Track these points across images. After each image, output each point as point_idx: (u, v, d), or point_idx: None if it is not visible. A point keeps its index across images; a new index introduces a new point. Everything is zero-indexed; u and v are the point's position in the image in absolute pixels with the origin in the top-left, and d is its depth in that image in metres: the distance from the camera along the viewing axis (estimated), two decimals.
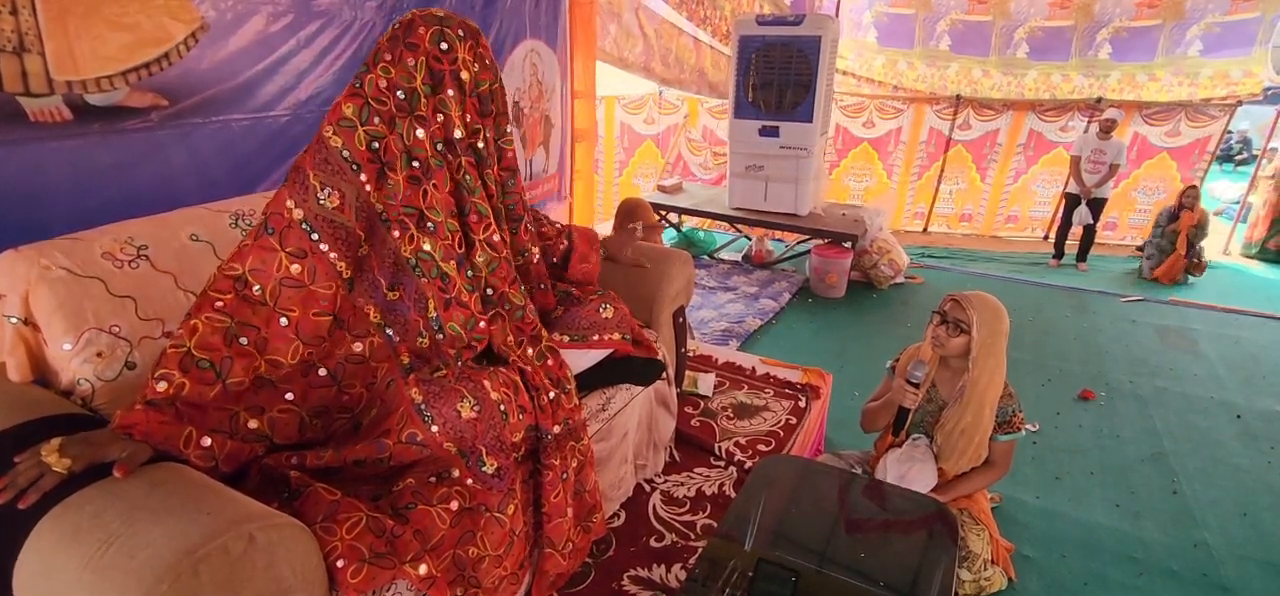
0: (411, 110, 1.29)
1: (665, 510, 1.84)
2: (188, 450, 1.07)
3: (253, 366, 1.18)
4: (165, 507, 0.92)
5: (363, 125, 1.27)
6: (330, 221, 1.26)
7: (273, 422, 1.20)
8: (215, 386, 1.13)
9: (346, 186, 1.27)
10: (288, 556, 0.96)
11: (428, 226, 1.33)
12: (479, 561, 1.26)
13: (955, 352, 1.94)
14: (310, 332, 1.24)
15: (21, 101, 1.97)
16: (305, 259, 1.24)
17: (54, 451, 0.93)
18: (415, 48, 1.28)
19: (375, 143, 1.28)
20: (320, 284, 1.25)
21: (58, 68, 2.03)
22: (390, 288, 1.35)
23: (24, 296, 1.21)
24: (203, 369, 1.12)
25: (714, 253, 4.96)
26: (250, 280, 1.20)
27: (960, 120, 6.73)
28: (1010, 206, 6.90)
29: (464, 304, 1.37)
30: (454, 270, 1.36)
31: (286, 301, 1.22)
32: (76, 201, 2.00)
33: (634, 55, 5.48)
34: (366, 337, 1.33)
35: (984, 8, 7.02)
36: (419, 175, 1.31)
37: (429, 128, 1.31)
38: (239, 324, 1.18)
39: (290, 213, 1.24)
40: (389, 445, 1.23)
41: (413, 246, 1.33)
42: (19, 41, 1.95)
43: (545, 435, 1.41)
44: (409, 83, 1.28)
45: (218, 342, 1.15)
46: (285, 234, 1.23)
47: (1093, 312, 4.22)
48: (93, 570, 0.85)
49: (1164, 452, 2.67)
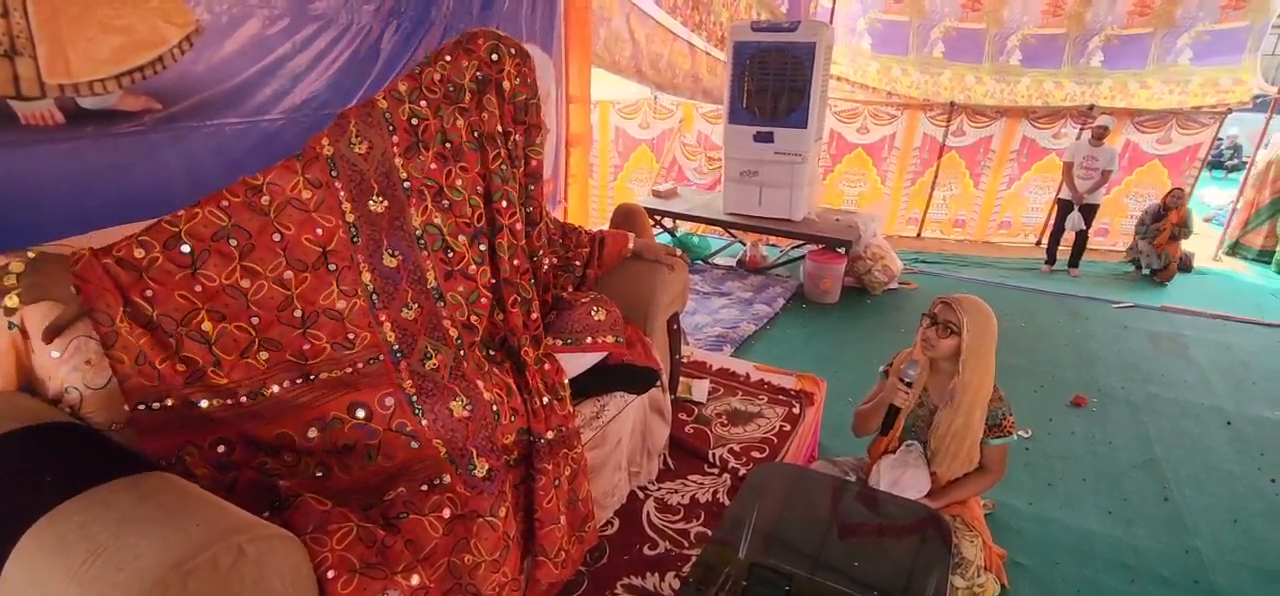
0: (456, 101, 1.43)
1: (659, 517, 1.83)
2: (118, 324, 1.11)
3: (227, 267, 1.24)
4: (153, 519, 0.92)
5: (410, 102, 1.42)
6: (352, 165, 1.37)
7: (224, 333, 1.22)
8: (184, 271, 1.19)
9: (377, 139, 1.39)
10: (277, 568, 0.95)
11: (444, 202, 1.43)
12: (475, 568, 1.26)
13: (945, 354, 1.94)
14: (296, 255, 1.30)
15: (13, 105, 1.94)
16: (318, 188, 1.34)
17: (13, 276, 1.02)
18: (472, 53, 1.45)
19: (415, 120, 1.41)
20: (322, 214, 1.34)
21: (50, 71, 2.01)
22: (390, 250, 1.40)
23: None
24: (183, 253, 1.19)
25: (708, 258, 4.97)
26: (263, 190, 1.29)
27: (954, 126, 6.76)
28: (1003, 212, 6.94)
29: (469, 276, 1.46)
30: (463, 245, 1.45)
31: (286, 219, 1.30)
32: (69, 205, 1.98)
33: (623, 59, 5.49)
34: (351, 297, 1.36)
35: (977, 15, 7.07)
36: (448, 155, 1.44)
37: (470, 118, 1.45)
38: (234, 226, 1.25)
39: (322, 148, 1.35)
40: (378, 430, 1.25)
41: (424, 217, 1.42)
42: (10, 44, 1.93)
43: (538, 439, 1.41)
44: (459, 79, 1.43)
45: (205, 235, 1.21)
46: (310, 163, 1.34)
47: (1085, 318, 4.24)
48: (79, 583, 0.84)
49: (1156, 459, 2.68)
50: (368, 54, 3.01)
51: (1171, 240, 5.30)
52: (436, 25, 3.32)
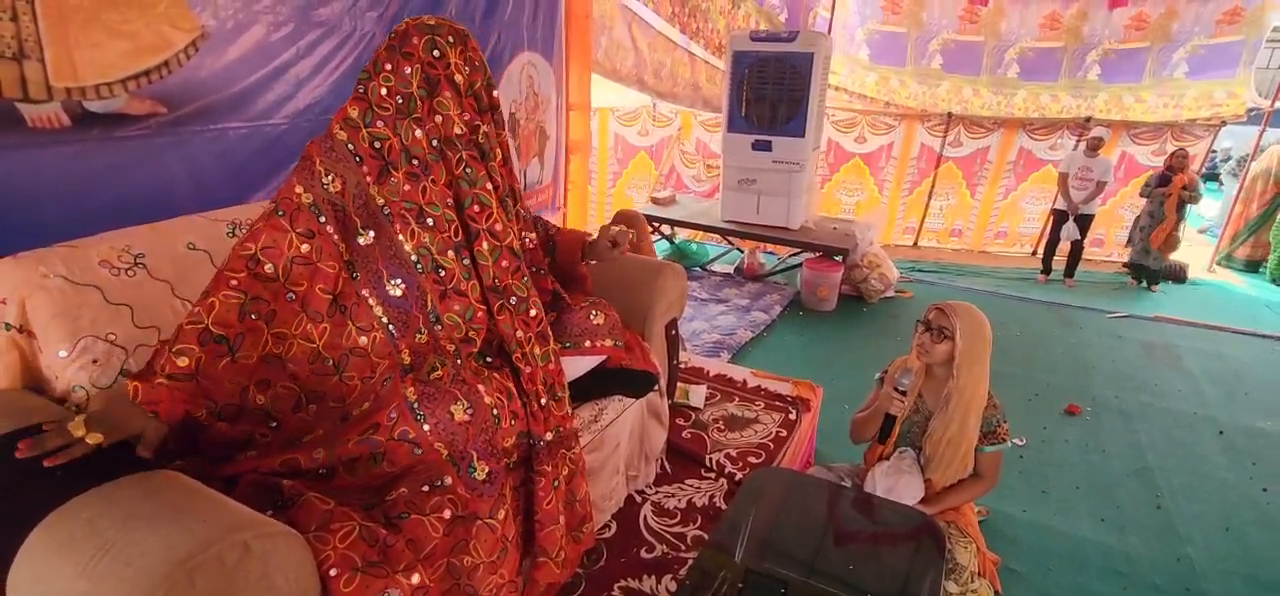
0: (409, 113, 1.37)
1: (656, 521, 1.85)
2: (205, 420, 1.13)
3: (260, 341, 1.25)
4: (160, 515, 0.93)
5: (366, 127, 1.35)
6: (332, 203, 1.34)
7: (276, 397, 1.25)
8: (225, 359, 1.19)
9: (348, 173, 1.35)
10: (282, 565, 0.97)
11: (427, 221, 1.39)
12: (474, 569, 1.27)
13: (940, 360, 1.97)
14: (315, 307, 1.31)
15: (20, 108, 1.96)
16: (313, 239, 1.31)
17: (81, 425, 0.98)
18: (410, 56, 1.36)
19: (377, 142, 1.36)
20: (325, 262, 1.32)
21: (57, 74, 2.04)
22: (391, 281, 1.40)
23: (21, 303, 1.21)
24: (218, 343, 1.18)
25: (706, 265, 5.00)
26: (262, 258, 1.27)
27: (951, 137, 6.81)
28: (1000, 222, 6.98)
29: (462, 292, 1.43)
30: (451, 261, 1.41)
31: (297, 277, 1.29)
32: (73, 207, 1.99)
33: (625, 67, 5.52)
34: (370, 332, 1.37)
35: (975, 28, 7.11)
36: (418, 172, 1.38)
37: (426, 126, 1.38)
38: (252, 299, 1.24)
39: (299, 197, 1.31)
40: (381, 441, 1.26)
41: (414, 241, 1.39)
42: (19, 48, 1.95)
43: (537, 441, 1.43)
44: (407, 88, 1.36)
45: (232, 319, 1.21)
46: (295, 216, 1.30)
47: (1079, 328, 4.27)
48: (88, 577, 0.86)
49: (1149, 467, 2.70)
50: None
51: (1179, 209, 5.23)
52: None
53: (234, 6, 2.36)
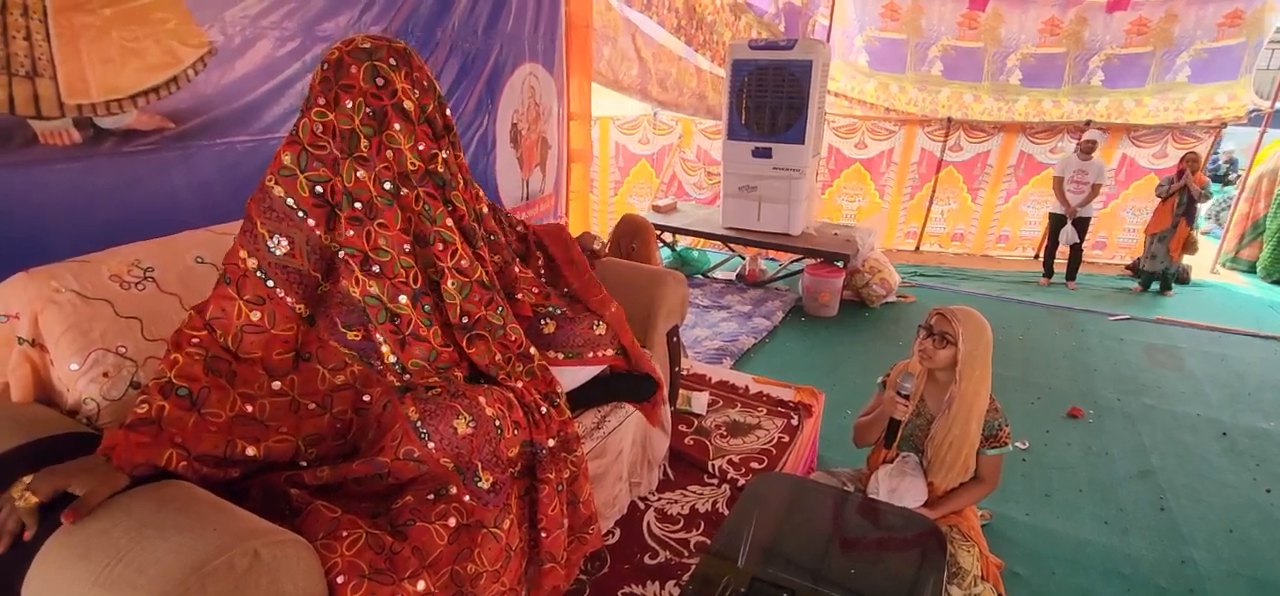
0: (351, 152, 1.28)
1: (659, 527, 1.86)
2: (168, 467, 1.07)
3: (227, 399, 1.20)
4: (172, 524, 0.95)
5: (303, 172, 1.27)
6: (283, 268, 1.27)
7: (268, 450, 1.22)
8: (191, 414, 1.14)
9: (295, 232, 1.27)
10: (291, 572, 0.99)
11: (373, 269, 1.32)
12: (478, 577, 1.29)
13: (942, 365, 1.98)
14: (275, 365, 1.27)
15: (33, 124, 2.00)
16: (264, 305, 1.25)
17: (22, 487, 0.95)
18: (350, 88, 1.26)
19: (319, 187, 1.28)
20: (279, 327, 1.27)
21: (69, 91, 2.07)
22: (346, 327, 1.34)
23: (33, 318, 1.24)
24: (181, 396, 1.14)
25: (707, 272, 5.01)
26: (215, 326, 1.23)
27: (951, 142, 6.83)
28: (1001, 226, 6.99)
29: (422, 338, 1.36)
30: (407, 307, 1.34)
31: (249, 346, 1.24)
32: (82, 221, 2.02)
33: (629, 78, 5.56)
34: (345, 368, 1.35)
35: (975, 34, 7.13)
36: (362, 216, 1.30)
37: (373, 168, 1.29)
38: (212, 357, 1.20)
39: (244, 263, 1.25)
40: (386, 463, 1.25)
41: (361, 289, 1.32)
42: (32, 66, 1.99)
43: (540, 449, 1.44)
44: (348, 125, 1.27)
45: (198, 372, 1.17)
46: (242, 283, 1.25)
47: (1081, 331, 4.28)
48: (102, 585, 0.87)
49: (1151, 470, 2.71)
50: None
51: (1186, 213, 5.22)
52: (442, 45, 3.39)
53: (241, 22, 2.40)
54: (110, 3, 2.09)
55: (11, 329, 1.24)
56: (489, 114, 3.82)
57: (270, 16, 2.57)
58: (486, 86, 3.78)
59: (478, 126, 3.75)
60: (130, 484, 1.03)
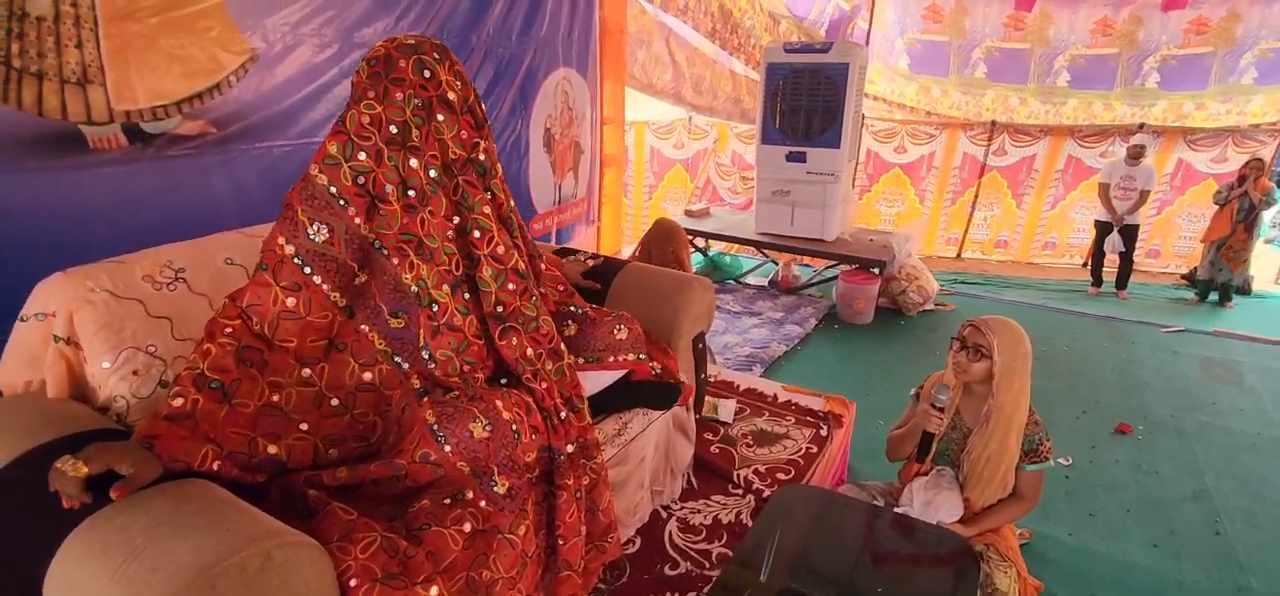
0: (404, 142, 1.31)
1: (681, 537, 1.83)
2: (202, 467, 1.10)
3: (257, 389, 1.23)
4: (188, 523, 0.96)
5: (347, 162, 1.30)
6: (321, 255, 1.30)
7: (289, 449, 1.24)
8: (223, 406, 1.17)
9: (335, 221, 1.30)
10: (302, 574, 0.99)
11: (426, 252, 1.35)
12: (492, 584, 1.28)
13: (978, 378, 1.91)
14: (307, 353, 1.30)
15: (83, 129, 2.09)
16: (300, 292, 1.28)
17: (71, 460, 0.98)
18: (401, 81, 1.30)
19: (361, 177, 1.31)
20: (315, 314, 1.30)
21: (118, 98, 2.15)
22: (392, 315, 1.37)
23: (68, 316, 1.27)
24: (214, 389, 1.17)
25: (740, 278, 4.96)
26: (251, 314, 1.25)
27: (995, 145, 6.64)
28: (1048, 233, 6.77)
29: (455, 328, 1.38)
30: (446, 296, 1.37)
31: (284, 333, 1.27)
32: (128, 223, 2.10)
33: (663, 82, 5.55)
34: (375, 366, 1.37)
35: (1021, 35, 6.93)
36: (415, 203, 1.34)
37: (423, 156, 1.33)
38: (245, 348, 1.23)
39: (282, 249, 1.28)
40: (403, 464, 1.26)
41: (414, 274, 1.35)
42: (82, 74, 2.07)
43: (558, 455, 1.42)
44: (400, 116, 1.30)
45: (229, 364, 1.20)
46: (279, 269, 1.27)
47: (1131, 343, 4.10)
48: (117, 582, 0.89)
49: (1206, 490, 2.57)
50: None
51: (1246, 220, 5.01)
52: (477, 51, 3.43)
53: (282, 30, 2.47)
54: (158, 12, 2.16)
55: (48, 327, 1.28)
56: (522, 119, 3.85)
57: (310, 24, 2.63)
58: (520, 91, 3.81)
59: (511, 131, 3.78)
60: (162, 476, 1.05)
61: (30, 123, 1.95)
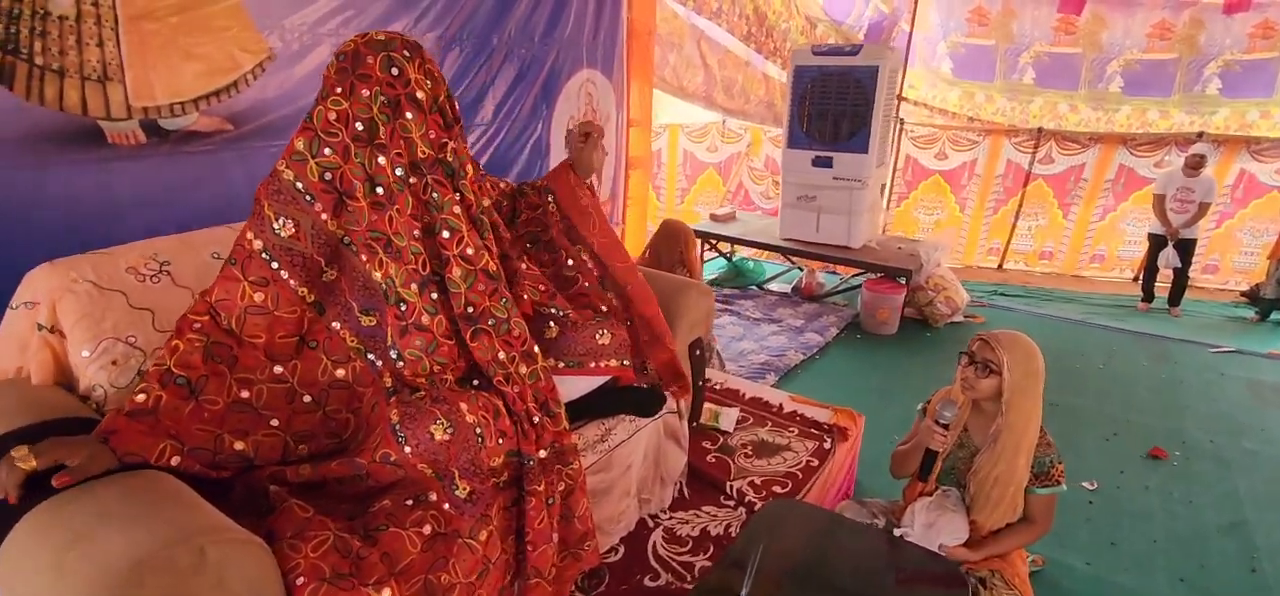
0: (371, 139, 1.31)
1: (665, 548, 1.79)
2: (160, 461, 1.10)
3: (225, 385, 1.23)
4: (130, 515, 0.97)
5: (314, 158, 1.30)
6: (287, 250, 1.30)
7: (257, 445, 1.24)
8: (189, 402, 1.18)
9: (301, 216, 1.31)
10: (240, 571, 0.98)
11: (394, 250, 1.35)
12: (450, 588, 1.26)
13: (986, 395, 1.83)
14: (278, 350, 1.30)
15: (102, 124, 2.16)
16: (268, 287, 1.29)
17: (24, 451, 0.99)
18: (367, 78, 1.30)
19: (328, 173, 1.31)
20: (283, 309, 1.30)
21: (137, 95, 2.22)
22: (363, 312, 1.37)
23: (52, 305, 1.31)
24: (179, 385, 1.18)
25: (763, 283, 4.87)
26: (219, 309, 1.27)
27: (1042, 153, 6.39)
28: (1096, 245, 6.48)
29: (423, 328, 1.37)
30: (414, 295, 1.36)
31: (252, 328, 1.28)
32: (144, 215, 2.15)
33: (694, 85, 5.51)
34: (348, 363, 1.37)
35: (1072, 39, 6.64)
36: (383, 201, 1.34)
37: (390, 154, 1.32)
38: (213, 343, 1.24)
39: (250, 244, 1.29)
40: (364, 464, 1.25)
41: (383, 271, 1.35)
42: (103, 71, 2.14)
43: (528, 460, 1.40)
44: (366, 113, 1.30)
45: (196, 360, 1.21)
46: (247, 264, 1.29)
47: (1175, 362, 3.87)
48: (54, 568, 0.90)
49: (1245, 522, 2.40)
50: None
51: None
52: (498, 51, 3.45)
53: (300, 30, 2.51)
54: (177, 12, 2.22)
55: (34, 315, 1.32)
56: (543, 119, 3.86)
57: (328, 24, 2.68)
58: (542, 92, 3.82)
59: (532, 131, 3.79)
60: (118, 468, 1.06)
61: (52, 118, 2.02)
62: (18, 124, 1.97)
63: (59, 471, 1.00)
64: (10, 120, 1.96)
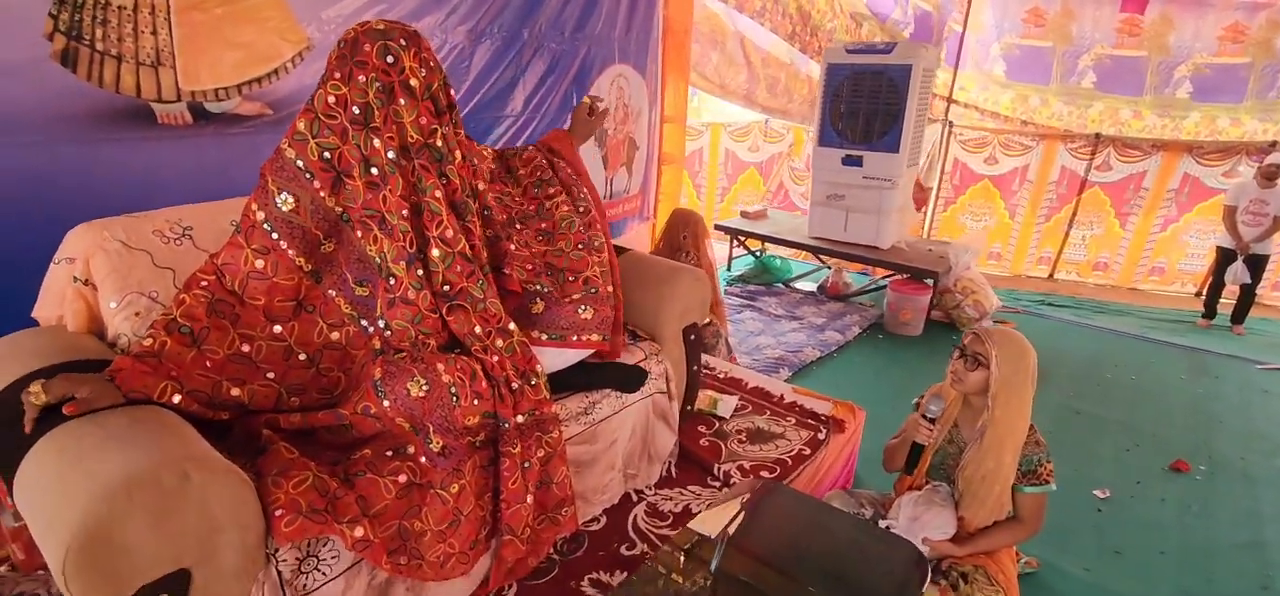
0: (367, 123, 1.40)
1: (646, 521, 1.86)
2: (161, 399, 1.23)
3: (227, 338, 1.36)
4: (129, 440, 1.10)
5: (314, 138, 1.40)
6: (287, 222, 1.41)
7: (252, 394, 1.37)
8: (191, 350, 1.30)
9: (301, 192, 1.41)
10: (221, 498, 1.10)
11: (387, 227, 1.44)
12: (422, 534, 1.36)
13: (974, 389, 1.83)
14: (276, 312, 1.42)
15: (154, 106, 2.36)
16: (268, 255, 1.41)
17: (38, 387, 1.13)
18: (364, 65, 1.38)
19: (327, 153, 1.41)
20: (282, 276, 1.42)
21: (185, 79, 2.42)
22: (357, 283, 1.47)
23: (86, 261, 1.47)
24: (183, 333, 1.31)
25: (789, 281, 4.85)
26: (224, 272, 1.39)
27: (1099, 160, 6.15)
28: (1155, 257, 6.19)
29: (409, 301, 1.46)
30: (402, 270, 1.45)
31: (253, 292, 1.40)
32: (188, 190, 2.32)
33: (736, 84, 5.52)
34: (342, 327, 1.48)
35: (1136, 42, 6.36)
36: (377, 181, 1.43)
37: (382, 137, 1.41)
38: (217, 301, 1.37)
39: (254, 215, 1.41)
40: (346, 415, 1.36)
41: (377, 246, 1.45)
42: (155, 57, 2.34)
43: (503, 423, 1.48)
44: (362, 98, 1.39)
45: (200, 313, 1.34)
46: (250, 233, 1.41)
47: (1215, 377, 3.68)
48: (59, 482, 1.03)
49: (1263, 541, 2.29)
50: (458, 70, 3.29)
51: None
52: (528, 44, 3.56)
53: (337, 21, 2.67)
54: (223, 3, 2.40)
55: (71, 270, 1.48)
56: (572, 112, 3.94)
57: (365, 15, 2.83)
58: (572, 85, 3.91)
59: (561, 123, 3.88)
60: (124, 403, 1.20)
61: (109, 99, 2.23)
62: (79, 104, 2.18)
63: (70, 402, 1.13)
64: (72, 100, 2.17)
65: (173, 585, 1.07)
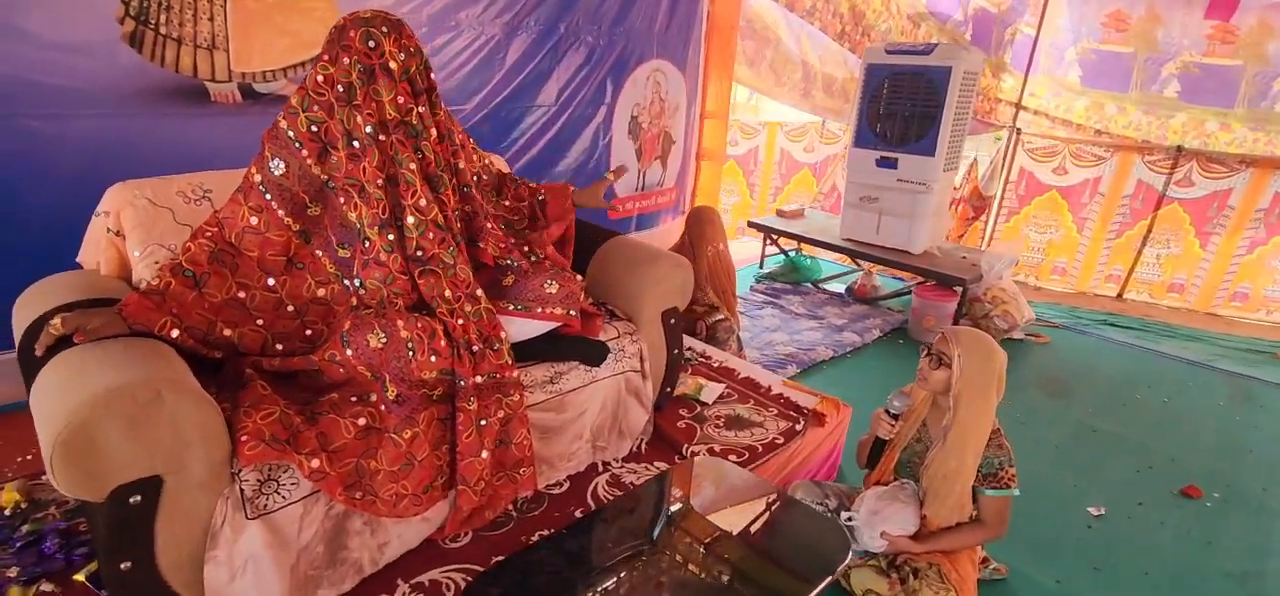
0: (349, 100, 1.57)
1: (607, 491, 1.96)
2: (161, 332, 1.44)
3: (225, 284, 1.57)
4: (123, 361, 1.30)
5: (304, 112, 1.59)
6: (279, 185, 1.61)
7: (242, 336, 1.57)
8: (192, 291, 1.52)
9: (290, 159, 1.61)
10: (190, 417, 1.28)
11: (366, 195, 1.61)
12: (376, 473, 1.52)
13: (938, 388, 1.85)
14: (269, 264, 1.62)
15: (208, 85, 2.64)
16: (261, 213, 1.61)
17: (57, 321, 1.35)
18: (348, 48, 1.54)
19: (314, 126, 1.60)
20: (272, 232, 1.61)
21: (237, 62, 2.70)
22: (340, 245, 1.65)
23: (117, 214, 1.70)
24: (186, 276, 1.53)
25: (818, 282, 4.81)
26: (225, 225, 1.60)
27: (1180, 174, 5.78)
28: (1238, 281, 5.77)
29: (381, 263, 1.63)
30: (376, 235, 1.62)
31: (248, 244, 1.60)
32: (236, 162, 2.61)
33: (791, 83, 5.51)
34: (328, 285, 1.67)
35: (1229, 50, 5.94)
36: (358, 153, 1.60)
37: (363, 113, 1.57)
38: (218, 250, 1.57)
39: (252, 177, 1.62)
40: (316, 361, 1.54)
41: (356, 212, 1.63)
42: (212, 41, 2.61)
43: (460, 381, 1.62)
44: (346, 78, 1.56)
45: (202, 259, 1.55)
46: (247, 193, 1.61)
47: (1257, 405, 3.42)
48: (59, 390, 1.24)
49: (1260, 574, 2.17)
50: (493, 61, 3.48)
51: None
52: (565, 37, 3.72)
53: None
54: None
55: (106, 222, 1.71)
56: (607, 105, 4.07)
57: (405, 6, 3.06)
58: (608, 78, 4.03)
59: (595, 116, 4.02)
60: (128, 333, 1.40)
61: (168, 78, 2.52)
62: (141, 81, 2.47)
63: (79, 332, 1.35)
64: (137, 77, 2.46)
65: (146, 488, 1.26)
